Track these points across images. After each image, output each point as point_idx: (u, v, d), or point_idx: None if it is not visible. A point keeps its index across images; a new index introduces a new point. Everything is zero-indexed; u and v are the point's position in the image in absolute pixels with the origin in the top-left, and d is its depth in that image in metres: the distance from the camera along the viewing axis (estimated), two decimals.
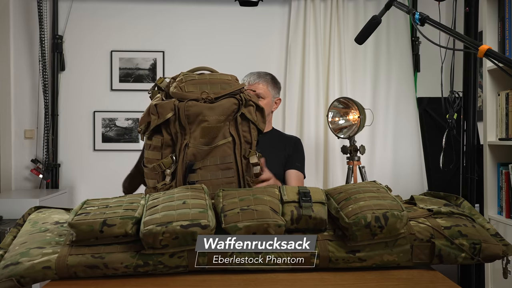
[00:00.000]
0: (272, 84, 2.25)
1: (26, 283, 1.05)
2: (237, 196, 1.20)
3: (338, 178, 3.42)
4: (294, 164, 2.22)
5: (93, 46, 3.57)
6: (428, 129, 3.40)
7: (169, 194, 1.21)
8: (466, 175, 2.25)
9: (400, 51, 3.57)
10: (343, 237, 1.16)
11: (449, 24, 1.84)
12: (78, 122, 3.54)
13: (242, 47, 3.60)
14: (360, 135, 3.00)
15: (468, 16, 2.26)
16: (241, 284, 1.07)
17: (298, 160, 2.25)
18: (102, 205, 1.18)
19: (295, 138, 2.34)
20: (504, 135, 2.29)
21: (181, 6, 3.61)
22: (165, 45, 3.60)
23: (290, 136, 2.37)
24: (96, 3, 3.56)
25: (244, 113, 1.41)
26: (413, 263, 1.16)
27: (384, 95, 3.54)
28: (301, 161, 2.27)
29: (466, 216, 1.25)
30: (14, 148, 3.52)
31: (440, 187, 3.05)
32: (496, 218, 2.30)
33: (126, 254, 1.09)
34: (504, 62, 1.10)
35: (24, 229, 1.23)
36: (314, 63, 3.50)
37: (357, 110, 2.71)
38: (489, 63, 2.32)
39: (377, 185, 1.27)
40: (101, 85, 3.58)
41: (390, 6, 1.47)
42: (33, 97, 3.53)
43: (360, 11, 3.55)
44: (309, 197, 1.20)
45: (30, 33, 3.53)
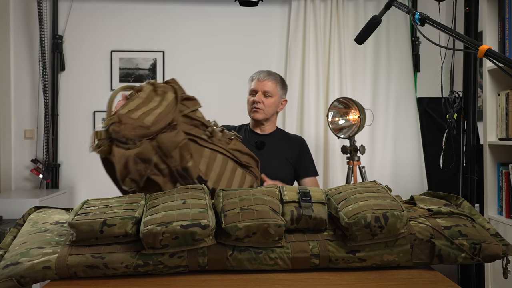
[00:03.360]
0: (281, 84, 2.24)
1: (26, 283, 1.05)
2: (237, 196, 1.20)
3: (338, 178, 3.42)
4: (308, 170, 2.23)
5: (93, 46, 3.57)
6: (428, 129, 3.40)
7: (169, 194, 1.21)
8: (466, 175, 2.25)
9: (400, 51, 3.57)
10: (343, 237, 1.16)
11: (449, 24, 1.84)
12: (78, 122, 3.54)
13: (242, 47, 3.60)
14: (360, 135, 3.00)
15: (468, 16, 2.26)
16: (241, 284, 1.07)
17: (309, 163, 2.25)
18: (102, 205, 1.18)
19: (300, 139, 2.33)
20: (504, 135, 2.29)
21: (181, 6, 3.60)
22: (165, 45, 3.60)
23: (295, 136, 2.37)
24: (96, 3, 3.56)
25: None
26: (413, 263, 1.16)
27: (384, 95, 3.54)
28: (311, 164, 2.28)
29: (466, 216, 1.25)
30: (14, 148, 3.52)
31: (440, 187, 3.05)
32: (496, 218, 2.30)
33: (126, 254, 1.10)
34: (504, 62, 1.10)
35: (24, 229, 1.23)
36: (314, 63, 3.50)
37: (357, 110, 2.71)
38: (489, 63, 2.32)
39: (377, 185, 1.27)
40: (101, 85, 3.58)
41: (390, 6, 1.47)
42: (33, 97, 3.53)
43: (360, 11, 3.55)
44: (309, 197, 1.20)
45: (30, 33, 3.53)
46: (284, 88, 2.26)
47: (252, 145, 2.13)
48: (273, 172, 2.01)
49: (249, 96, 2.22)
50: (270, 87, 2.18)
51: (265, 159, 1.88)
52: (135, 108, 1.36)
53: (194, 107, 1.52)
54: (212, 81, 3.57)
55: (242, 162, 1.59)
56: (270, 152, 2.15)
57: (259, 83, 2.18)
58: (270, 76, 2.21)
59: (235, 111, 2.59)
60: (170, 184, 1.39)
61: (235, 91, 3.32)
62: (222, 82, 3.57)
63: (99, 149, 1.33)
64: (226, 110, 3.30)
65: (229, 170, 1.52)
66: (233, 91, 3.40)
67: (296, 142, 2.28)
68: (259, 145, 2.15)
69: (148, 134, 1.33)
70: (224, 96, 3.53)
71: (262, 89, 2.17)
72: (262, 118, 2.19)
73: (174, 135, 1.38)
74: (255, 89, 2.18)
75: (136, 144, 1.32)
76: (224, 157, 1.52)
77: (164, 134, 1.36)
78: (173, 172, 1.38)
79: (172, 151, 1.36)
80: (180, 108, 1.47)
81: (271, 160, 2.10)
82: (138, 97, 1.41)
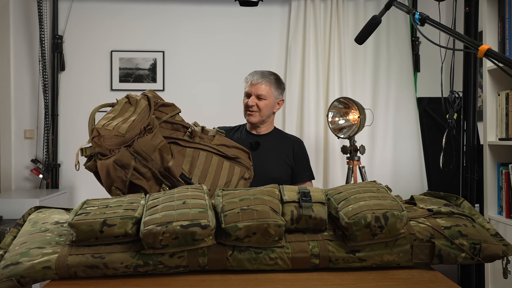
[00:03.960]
0: (276, 85, 2.21)
1: (26, 283, 1.05)
2: (237, 196, 1.20)
3: (338, 178, 3.42)
4: (302, 176, 2.22)
5: (93, 46, 3.57)
6: (428, 129, 3.40)
7: (169, 194, 1.21)
8: (466, 175, 2.25)
9: (400, 51, 3.57)
10: (343, 237, 1.16)
11: (449, 24, 1.84)
12: (78, 122, 3.54)
13: (242, 47, 3.60)
14: (360, 135, 3.00)
15: (468, 16, 2.26)
16: (241, 284, 1.07)
17: (303, 168, 2.23)
18: (102, 205, 1.18)
19: (297, 141, 2.30)
20: (504, 135, 2.29)
21: (181, 6, 3.60)
22: (165, 45, 3.60)
23: (292, 137, 2.34)
24: (96, 3, 3.56)
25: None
26: (413, 263, 1.16)
27: (384, 95, 3.55)
28: (307, 167, 2.26)
29: (466, 216, 1.24)
30: (14, 148, 3.52)
31: (440, 187, 3.05)
32: (496, 218, 2.30)
33: (126, 254, 1.09)
34: (504, 62, 1.10)
35: (24, 229, 1.23)
36: (314, 63, 3.50)
37: (357, 110, 2.71)
38: (489, 63, 2.32)
39: (377, 185, 1.27)
40: (101, 85, 3.58)
41: (390, 6, 1.47)
42: (33, 97, 3.53)
43: (360, 11, 3.55)
44: (309, 197, 1.20)
45: (30, 33, 3.53)
46: (279, 88, 2.23)
47: (247, 145, 2.11)
48: (267, 173, 2.01)
49: (244, 98, 2.21)
50: (264, 90, 2.16)
51: (259, 159, 1.88)
52: (111, 119, 1.48)
53: (173, 112, 1.61)
54: (212, 81, 3.57)
55: (229, 155, 1.64)
56: (265, 152, 2.14)
57: (253, 87, 2.16)
58: (264, 78, 2.17)
59: (235, 111, 2.59)
60: (156, 187, 1.45)
61: (235, 91, 3.31)
62: (222, 82, 3.57)
63: (86, 165, 1.46)
64: (226, 110, 3.31)
65: (214, 165, 1.58)
66: (233, 91, 3.40)
67: (293, 143, 2.25)
68: (254, 146, 2.14)
69: (124, 142, 1.43)
70: (224, 96, 3.53)
71: (255, 93, 2.15)
72: (257, 121, 2.18)
73: (151, 138, 1.45)
74: (249, 92, 2.17)
75: (115, 152, 1.42)
76: (208, 153, 1.59)
77: (140, 139, 1.44)
78: (156, 174, 1.45)
79: (152, 154, 1.44)
80: (158, 115, 1.56)
81: (266, 160, 2.09)
82: (114, 110, 1.53)
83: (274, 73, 2.25)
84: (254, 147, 2.13)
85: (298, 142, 2.28)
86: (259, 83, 2.16)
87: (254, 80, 2.17)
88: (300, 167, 2.22)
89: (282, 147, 2.21)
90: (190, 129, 1.61)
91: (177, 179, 1.46)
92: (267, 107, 2.18)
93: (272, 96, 2.19)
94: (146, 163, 1.44)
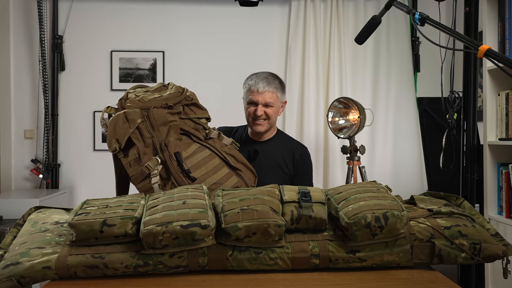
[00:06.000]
0: (281, 89, 2.11)
1: (26, 283, 1.05)
2: (237, 196, 1.20)
3: (338, 178, 3.42)
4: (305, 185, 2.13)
5: (93, 46, 3.57)
6: (428, 129, 3.40)
7: (169, 194, 1.21)
8: (466, 175, 2.25)
9: (400, 51, 3.57)
10: (343, 237, 1.16)
11: (449, 24, 1.84)
12: (78, 122, 3.54)
13: (242, 47, 3.60)
14: (360, 135, 3.00)
15: (468, 16, 2.26)
16: (241, 284, 1.07)
17: (304, 178, 2.12)
18: (102, 205, 1.18)
19: (299, 149, 2.16)
20: (504, 135, 2.29)
21: (181, 6, 3.60)
22: (165, 45, 3.60)
23: (295, 145, 2.19)
24: (96, 3, 3.56)
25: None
26: (413, 263, 1.16)
27: (384, 95, 3.55)
28: (307, 178, 2.14)
29: (466, 216, 1.25)
30: (14, 148, 3.52)
31: (440, 187, 3.05)
32: (496, 218, 2.30)
33: (126, 254, 1.10)
34: (504, 62, 1.10)
35: (24, 229, 1.23)
36: (314, 63, 3.50)
37: (357, 110, 2.71)
38: (489, 63, 2.32)
39: (377, 185, 1.27)
40: (101, 85, 3.58)
41: (390, 6, 1.47)
42: (33, 97, 3.52)
43: (360, 11, 3.55)
44: (309, 197, 1.20)
45: (30, 33, 3.53)
46: (283, 91, 2.13)
47: (246, 152, 2.04)
48: (263, 181, 1.94)
49: (248, 105, 2.08)
50: (271, 97, 2.04)
51: (256, 167, 1.81)
52: (143, 92, 1.61)
53: (201, 115, 1.66)
54: (212, 81, 3.57)
55: (232, 165, 1.64)
56: (262, 160, 2.06)
57: (259, 95, 2.03)
58: (270, 85, 2.04)
59: (235, 111, 2.59)
60: (149, 155, 1.47)
61: (235, 91, 3.30)
62: (222, 82, 3.56)
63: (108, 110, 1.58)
64: (226, 110, 3.30)
65: (212, 164, 1.58)
66: (233, 91, 3.38)
67: (294, 151, 2.13)
68: (252, 155, 2.05)
69: (143, 107, 1.51)
70: (224, 96, 3.52)
71: (263, 102, 2.03)
72: (266, 129, 2.09)
73: (166, 112, 1.51)
74: (255, 101, 2.04)
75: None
76: (212, 153, 1.61)
77: (156, 109, 1.51)
78: (155, 145, 1.48)
79: (160, 125, 1.48)
80: (188, 111, 1.62)
81: (263, 168, 1.98)
82: (149, 87, 1.67)
83: (276, 76, 2.14)
84: (252, 157, 2.05)
85: (300, 151, 2.15)
86: (266, 91, 2.03)
87: (260, 88, 2.03)
88: (299, 177, 2.11)
89: (282, 155, 2.11)
90: (208, 130, 1.64)
91: (170, 154, 1.46)
92: (275, 113, 2.09)
93: (278, 101, 2.09)
94: (152, 131, 1.48)
